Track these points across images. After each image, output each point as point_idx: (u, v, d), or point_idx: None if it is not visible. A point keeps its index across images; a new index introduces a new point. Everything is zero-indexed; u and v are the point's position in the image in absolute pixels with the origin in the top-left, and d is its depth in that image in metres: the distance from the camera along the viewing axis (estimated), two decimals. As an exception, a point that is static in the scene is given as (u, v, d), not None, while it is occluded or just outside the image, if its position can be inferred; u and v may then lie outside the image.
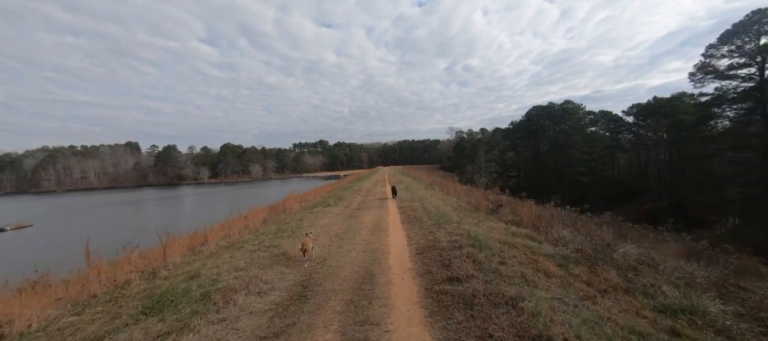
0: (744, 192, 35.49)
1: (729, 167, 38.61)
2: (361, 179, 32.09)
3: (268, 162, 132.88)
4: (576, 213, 14.31)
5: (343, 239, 6.95)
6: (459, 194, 16.31)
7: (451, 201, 12.74)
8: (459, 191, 18.49)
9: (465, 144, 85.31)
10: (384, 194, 16.68)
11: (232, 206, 14.59)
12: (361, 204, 12.53)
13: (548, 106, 62.95)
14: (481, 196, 14.34)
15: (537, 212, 9.82)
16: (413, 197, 13.71)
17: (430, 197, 13.83)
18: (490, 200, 15.11)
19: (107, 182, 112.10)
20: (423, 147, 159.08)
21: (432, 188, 19.38)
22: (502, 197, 17.54)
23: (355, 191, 18.73)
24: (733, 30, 33.68)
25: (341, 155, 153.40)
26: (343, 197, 15.76)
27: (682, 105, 56.10)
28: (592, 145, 59.96)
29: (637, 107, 63.51)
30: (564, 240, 6.67)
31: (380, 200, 13.33)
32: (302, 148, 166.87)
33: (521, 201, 14.05)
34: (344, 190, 19.95)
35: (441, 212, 9.11)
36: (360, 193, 18.19)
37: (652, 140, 59.81)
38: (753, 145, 33.00)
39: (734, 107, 36.01)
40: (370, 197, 15.17)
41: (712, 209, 45.09)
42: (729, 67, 33.97)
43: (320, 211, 10.90)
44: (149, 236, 8.13)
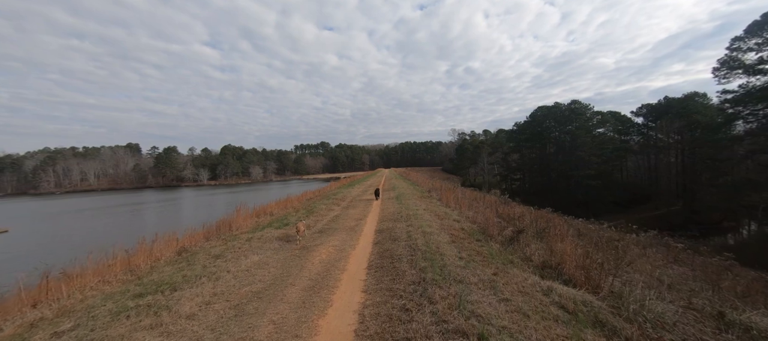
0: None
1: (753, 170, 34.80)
2: (352, 184, 28.83)
3: (268, 164, 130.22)
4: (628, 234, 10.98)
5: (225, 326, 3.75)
6: (461, 206, 12.98)
7: (449, 221, 9.42)
8: (461, 200, 15.15)
9: (467, 146, 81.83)
10: (368, 208, 13.39)
11: (205, 214, 11.57)
12: (328, 226, 9.25)
13: (554, 106, 59.39)
14: (489, 213, 11.03)
15: (577, 244, 6.49)
16: (400, 214, 10.42)
17: (423, 214, 10.51)
18: (502, 217, 11.78)
19: (107, 183, 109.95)
20: (425, 149, 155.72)
21: (429, 198, 16.02)
22: (517, 209, 14.17)
23: (334, 202, 15.49)
24: (763, 21, 30.12)
25: (342, 156, 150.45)
26: (313, 210, 12.51)
27: (695, 105, 52.44)
28: (601, 147, 56.30)
29: (647, 107, 59.89)
30: (662, 320, 3.38)
31: (357, 220, 10.05)
32: (303, 150, 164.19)
33: (545, 217, 10.74)
34: (322, 200, 16.70)
35: (433, 248, 5.80)
36: (339, 204, 14.93)
37: (663, 141, 56.17)
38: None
39: (755, 107, 32.41)
40: (347, 213, 11.89)
41: (729, 214, 41.46)
42: (759, 61, 30.38)
43: (255, 241, 7.64)
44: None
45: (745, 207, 38.73)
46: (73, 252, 7.10)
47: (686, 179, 50.81)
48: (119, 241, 7.24)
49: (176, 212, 41.30)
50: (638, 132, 62.36)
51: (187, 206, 48.35)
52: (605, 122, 60.07)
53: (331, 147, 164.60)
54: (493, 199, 18.44)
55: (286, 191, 52.73)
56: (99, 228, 31.30)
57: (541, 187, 61.48)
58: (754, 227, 39.25)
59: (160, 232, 8.17)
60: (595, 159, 54.67)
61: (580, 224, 16.71)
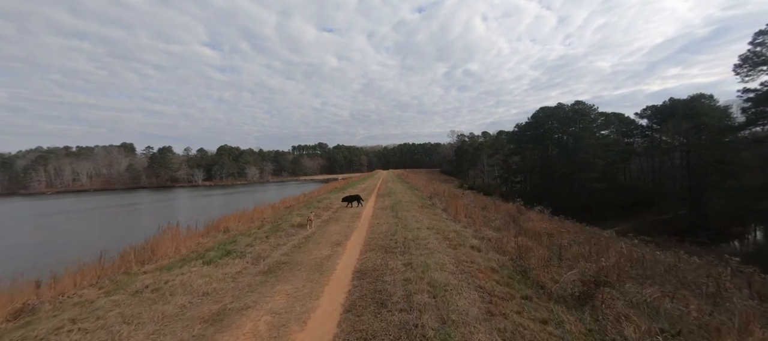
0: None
1: None
2: (345, 187, 25.71)
3: (265, 165, 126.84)
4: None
5: None
6: (475, 220, 9.94)
7: (466, 250, 6.38)
8: (471, 211, 12.10)
9: (467, 148, 78.92)
10: (354, 223, 10.30)
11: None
12: (285, 259, 6.11)
13: (557, 107, 56.57)
14: (511, 230, 7.95)
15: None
16: (396, 237, 7.38)
17: (428, 237, 7.46)
18: (529, 234, 8.77)
19: (100, 184, 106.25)
20: (423, 151, 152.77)
21: (431, 207, 12.92)
22: (540, 222, 11.12)
23: (316, 211, 12.41)
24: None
25: (340, 158, 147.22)
26: (279, 228, 9.37)
27: (702, 107, 49.79)
28: (606, 149, 53.50)
29: (652, 109, 57.26)
30: None
31: (332, 248, 6.95)
32: (301, 151, 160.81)
33: (592, 237, 7.77)
34: (301, 208, 13.59)
35: (449, 308, 2.78)
36: (320, 216, 11.84)
37: (668, 144, 53.50)
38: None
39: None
40: (325, 232, 8.83)
41: (738, 219, 38.80)
42: (786, 56, 27.57)
43: (147, 293, 4.59)
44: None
45: (755, 212, 36.00)
46: None
47: (692, 182, 48.11)
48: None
49: (147, 217, 37.90)
50: (642, 134, 59.83)
51: (165, 210, 44.76)
52: (609, 123, 57.32)
53: (329, 148, 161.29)
54: (508, 207, 15.42)
55: (275, 194, 49.54)
56: (106, 228, 28.15)
57: (542, 189, 58.57)
58: (759, 234, 36.71)
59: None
60: (599, 161, 51.89)
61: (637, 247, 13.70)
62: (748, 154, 43.11)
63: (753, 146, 33.83)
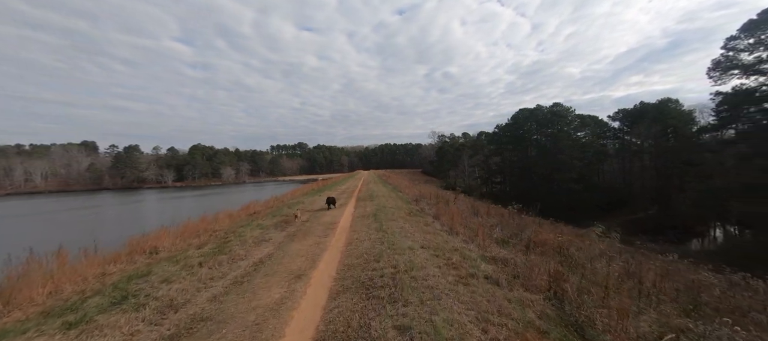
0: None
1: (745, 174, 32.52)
2: (322, 190, 23.31)
3: (241, 165, 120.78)
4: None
5: None
6: (477, 232, 8.02)
7: (480, 281, 4.47)
8: (467, 218, 10.23)
9: (448, 148, 78.20)
10: (326, 239, 8.09)
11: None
12: (212, 307, 3.88)
13: (536, 109, 56.64)
14: (519, 245, 6.03)
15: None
16: (380, 262, 5.32)
17: (422, 258, 5.50)
18: (542, 248, 6.94)
19: (56, 185, 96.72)
20: (404, 151, 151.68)
21: (420, 214, 10.92)
22: (544, 231, 9.38)
23: (284, 220, 10.11)
24: (759, 20, 27.79)
25: (321, 158, 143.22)
26: (224, 247, 7.00)
27: (670, 110, 51.35)
28: (582, 150, 54.12)
29: (623, 112, 58.69)
30: None
31: (290, 281, 4.73)
32: (280, 150, 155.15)
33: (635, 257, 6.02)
34: (267, 216, 11.20)
35: None
36: (285, 228, 9.57)
37: (638, 146, 54.96)
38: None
39: (749, 108, 30.27)
40: (287, 252, 6.62)
41: (701, 219, 40.15)
42: (755, 60, 28.05)
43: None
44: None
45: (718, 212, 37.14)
46: None
47: (660, 183, 49.44)
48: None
49: (74, 227, 33.46)
50: (614, 136, 61.29)
51: (111, 216, 40.02)
52: (585, 125, 58.16)
53: (309, 148, 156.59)
54: (504, 211, 13.73)
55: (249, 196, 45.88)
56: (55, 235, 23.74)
57: (522, 190, 58.48)
58: (719, 232, 38.07)
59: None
60: (576, 162, 52.31)
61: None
62: (711, 156, 44.65)
63: (726, 147, 34.55)
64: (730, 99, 30.83)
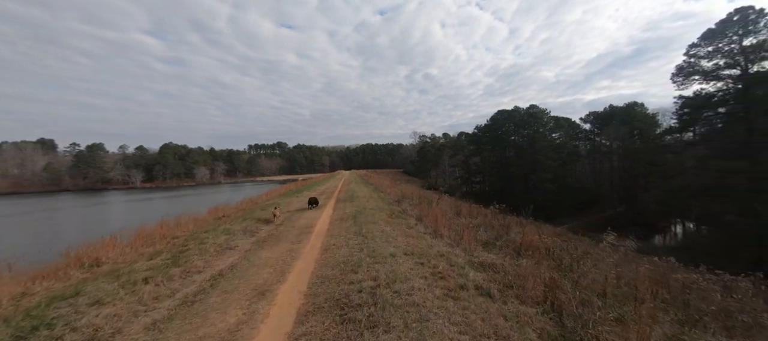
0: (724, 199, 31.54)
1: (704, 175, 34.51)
2: (300, 191, 22.27)
3: (217, 165, 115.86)
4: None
5: None
6: (462, 236, 7.54)
7: (471, 294, 4.03)
8: (451, 221, 9.78)
9: (429, 148, 78.58)
10: (300, 245, 7.34)
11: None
12: (148, 338, 3.07)
13: (514, 110, 57.88)
14: (506, 249, 5.55)
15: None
16: (359, 260, 4.73)
17: (405, 267, 4.94)
18: (532, 251, 6.54)
19: (8, 186, 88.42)
20: (386, 151, 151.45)
21: (402, 216, 10.35)
22: (529, 234, 9.09)
23: (254, 224, 9.20)
24: (716, 29, 29.48)
25: (301, 158, 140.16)
26: (181, 256, 6.08)
27: (636, 114, 53.99)
28: (557, 150, 55.89)
29: (594, 114, 61.19)
30: None
31: (257, 294, 3.98)
32: (258, 150, 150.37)
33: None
34: (237, 220, 10.21)
35: None
36: (256, 233, 8.72)
37: (607, 147, 57.46)
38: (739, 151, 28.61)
39: (707, 113, 32.23)
40: (254, 262, 5.83)
41: (664, 216, 42.59)
42: (714, 67, 29.80)
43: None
44: None
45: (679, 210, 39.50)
46: None
47: (628, 183, 51.83)
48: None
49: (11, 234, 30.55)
50: (586, 138, 63.64)
51: (63, 221, 36.67)
52: (559, 127, 60.11)
53: (289, 148, 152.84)
54: (486, 211, 13.44)
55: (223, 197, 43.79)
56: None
57: (500, 189, 59.64)
58: (679, 228, 40.59)
59: None
60: (551, 163, 53.90)
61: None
62: (673, 157, 47.37)
63: (687, 149, 36.55)
64: (690, 103, 32.60)
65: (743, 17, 26.91)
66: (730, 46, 27.96)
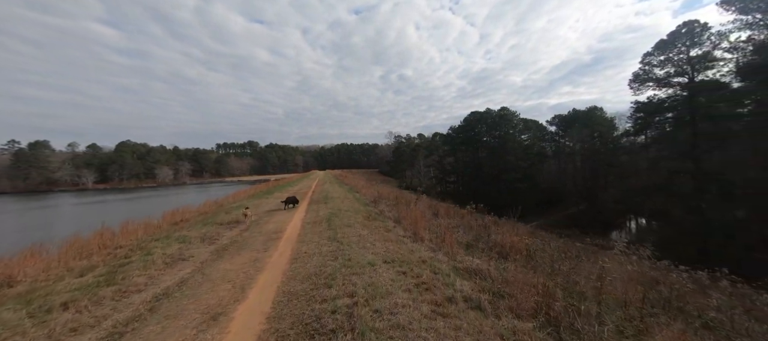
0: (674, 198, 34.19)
1: (656, 176, 37.17)
2: (272, 191, 21.01)
3: (181, 165, 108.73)
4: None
5: None
6: (443, 238, 7.10)
7: (460, 308, 3.55)
8: (429, 221, 9.36)
9: (404, 149, 78.81)
10: (267, 254, 6.54)
11: None
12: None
13: (486, 112, 59.44)
14: (487, 255, 5.16)
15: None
16: (334, 272, 4.14)
17: (386, 276, 4.42)
18: (509, 253, 6.26)
19: (-73, 189, 77.25)
20: (361, 151, 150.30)
21: (379, 219, 9.79)
22: (507, 233, 8.86)
23: (214, 231, 8.16)
24: (668, 40, 31.85)
25: (273, 157, 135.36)
26: (117, 273, 5.08)
27: (596, 117, 57.45)
28: (526, 152, 58.13)
29: (559, 117, 64.33)
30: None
31: (208, 318, 3.20)
32: (227, 149, 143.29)
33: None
34: (195, 225, 9.09)
35: None
36: (215, 241, 7.73)
37: (570, 148, 60.67)
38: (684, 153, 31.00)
39: (658, 117, 34.83)
40: (211, 272, 4.92)
41: (621, 213, 45.65)
42: (665, 75, 32.18)
43: None
44: None
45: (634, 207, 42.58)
46: None
47: (589, 182, 54.98)
48: None
49: None
50: (551, 140, 66.75)
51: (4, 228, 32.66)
52: (528, 128, 62.57)
53: (261, 147, 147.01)
54: (462, 212, 13.22)
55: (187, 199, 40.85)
56: None
57: (474, 189, 61.02)
58: (634, 224, 43.84)
59: None
60: (521, 163, 55.89)
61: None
62: (628, 158, 50.86)
63: (641, 151, 39.25)
64: (644, 108, 35.00)
65: (690, 30, 29.22)
66: (679, 56, 30.28)
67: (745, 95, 27.25)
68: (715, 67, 27.90)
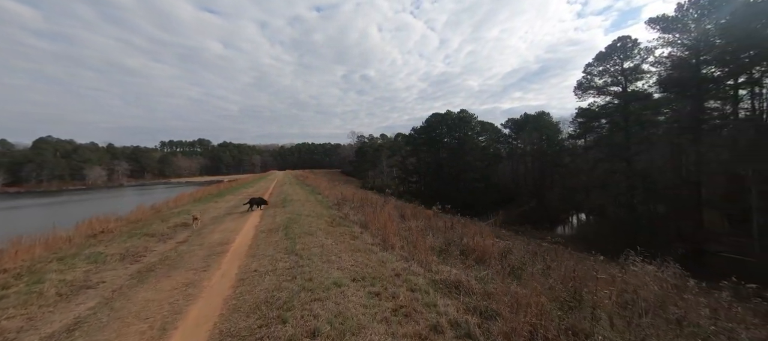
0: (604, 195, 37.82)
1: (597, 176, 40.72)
2: (223, 194, 18.82)
3: (118, 164, 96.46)
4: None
5: None
6: (415, 245, 6.43)
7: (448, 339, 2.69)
8: (398, 225, 8.68)
9: (367, 149, 78.07)
10: (208, 267, 5.31)
11: None
12: None
13: (446, 114, 61.04)
14: (460, 268, 4.65)
15: None
16: (290, 299, 3.31)
17: (355, 303, 3.59)
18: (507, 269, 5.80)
19: None
20: (324, 151, 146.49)
21: (344, 223, 8.86)
22: (476, 236, 8.54)
23: (146, 241, 6.65)
24: (606, 52, 35.03)
25: (228, 157, 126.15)
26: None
27: (544, 121, 62.00)
28: (484, 153, 60.75)
29: (512, 121, 68.26)
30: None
31: None
32: (174, 147, 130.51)
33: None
34: (110, 241, 7.34)
35: None
36: (131, 265, 6.28)
37: (523, 150, 64.79)
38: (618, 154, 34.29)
39: (597, 122, 38.32)
40: (122, 308, 3.68)
41: (564, 210, 49.84)
42: (603, 84, 35.41)
43: None
44: None
45: (575, 205, 46.73)
46: None
47: (538, 181, 59.13)
48: None
49: None
50: (505, 141, 70.65)
51: None
52: (485, 130, 65.44)
53: (213, 146, 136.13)
54: (428, 212, 12.78)
55: (118, 203, 35.93)
56: None
57: (435, 189, 62.28)
58: (575, 220, 48.17)
59: None
60: (479, 164, 58.24)
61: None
62: (570, 159, 55.56)
63: (583, 153, 42.88)
64: (585, 113, 38.24)
65: (624, 45, 32.42)
66: (615, 67, 33.47)
67: (664, 104, 31.02)
68: (643, 78, 31.29)
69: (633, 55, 31.96)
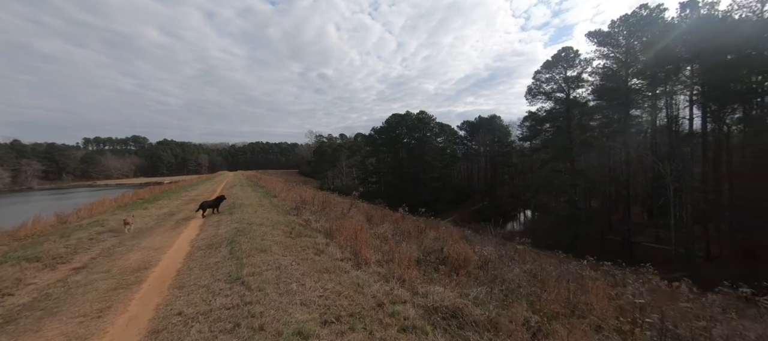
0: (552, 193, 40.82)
1: (545, 176, 43.56)
2: (157, 198, 15.85)
3: (27, 164, 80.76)
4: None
5: None
6: (391, 255, 5.37)
7: None
8: (364, 228, 7.55)
9: (326, 149, 75.43)
10: (116, 299, 3.64)
11: None
12: None
13: (406, 115, 61.28)
14: (457, 285, 3.81)
15: None
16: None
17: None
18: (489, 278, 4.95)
19: None
20: (279, 150, 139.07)
21: (306, 232, 7.45)
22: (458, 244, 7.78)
23: (31, 268, 4.69)
24: (552, 61, 37.61)
25: (169, 156, 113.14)
26: None
27: (496, 124, 65.44)
28: (441, 153, 62.16)
29: (467, 123, 70.94)
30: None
31: None
32: (101, 145, 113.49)
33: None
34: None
35: None
36: (19, 293, 4.32)
37: (477, 151, 67.76)
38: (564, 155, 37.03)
39: (544, 125, 41.22)
40: None
41: (514, 207, 53.20)
42: (550, 90, 38.03)
43: None
44: None
45: (523, 202, 50.03)
46: None
47: (491, 180, 62.23)
48: None
49: None
50: (461, 143, 73.29)
51: None
52: (443, 132, 67.05)
53: (151, 144, 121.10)
54: (396, 215, 11.84)
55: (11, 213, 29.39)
56: None
57: (395, 189, 62.18)
58: (523, 216, 51.74)
59: None
60: (437, 164, 59.43)
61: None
62: (519, 160, 59.36)
63: (532, 153, 45.81)
64: (533, 117, 40.82)
65: (567, 55, 35.05)
66: (559, 75, 36.07)
67: (597, 110, 34.33)
68: (583, 86, 34.18)
69: (575, 64, 34.66)
